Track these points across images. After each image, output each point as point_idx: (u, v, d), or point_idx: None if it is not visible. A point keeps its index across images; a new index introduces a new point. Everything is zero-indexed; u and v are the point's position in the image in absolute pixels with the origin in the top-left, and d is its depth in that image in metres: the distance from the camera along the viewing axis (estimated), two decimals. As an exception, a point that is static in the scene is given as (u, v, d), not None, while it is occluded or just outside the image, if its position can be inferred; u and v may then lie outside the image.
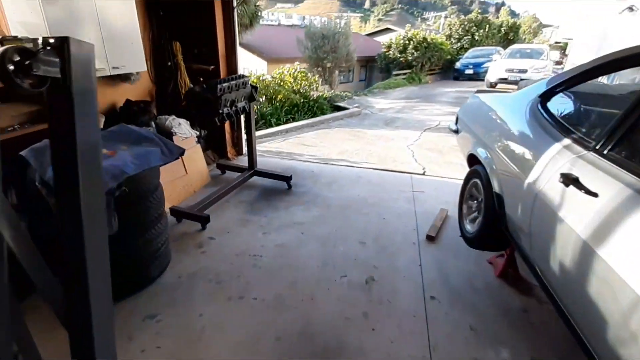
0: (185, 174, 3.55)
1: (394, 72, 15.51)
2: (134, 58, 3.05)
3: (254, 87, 3.30)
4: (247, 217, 3.21)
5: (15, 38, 0.96)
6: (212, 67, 4.07)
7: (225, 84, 2.83)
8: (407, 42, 16.17)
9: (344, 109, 9.23)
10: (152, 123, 3.33)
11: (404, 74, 15.61)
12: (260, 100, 8.17)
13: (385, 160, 5.02)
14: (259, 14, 9.08)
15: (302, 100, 8.43)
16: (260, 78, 8.31)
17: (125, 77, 3.26)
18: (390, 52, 16.53)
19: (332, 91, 11.31)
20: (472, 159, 2.60)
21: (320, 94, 9.48)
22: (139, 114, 3.25)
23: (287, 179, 3.79)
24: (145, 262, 2.20)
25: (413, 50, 15.84)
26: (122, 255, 2.04)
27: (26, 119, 2.31)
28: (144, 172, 2.01)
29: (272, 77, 8.51)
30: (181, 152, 2.30)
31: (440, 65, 17.52)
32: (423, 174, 4.48)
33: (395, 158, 5.12)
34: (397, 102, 10.25)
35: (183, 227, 3.00)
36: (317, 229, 3.04)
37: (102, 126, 2.84)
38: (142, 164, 1.97)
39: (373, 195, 3.69)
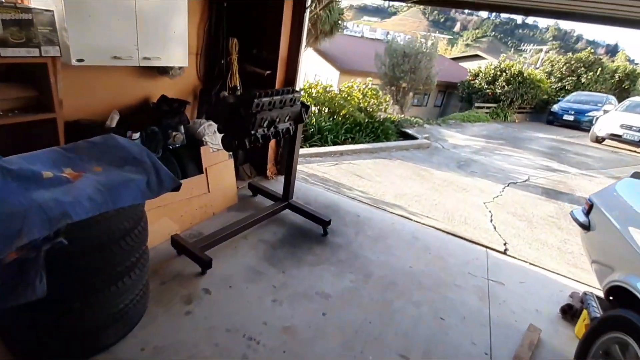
0: (206, 192, 2.97)
1: (477, 104, 13.91)
2: (173, 50, 2.55)
3: (305, 107, 2.60)
4: (260, 267, 2.50)
5: None
6: (268, 72, 3.49)
7: (265, 99, 2.16)
8: (498, 73, 14.46)
9: (412, 137, 8.22)
10: (181, 127, 2.80)
11: (488, 107, 13.93)
12: (323, 111, 7.57)
13: (452, 217, 3.98)
14: (342, 23, 8.53)
15: (366, 120, 7.63)
16: (327, 89, 7.70)
17: (163, 70, 2.79)
18: (477, 81, 14.93)
19: (402, 115, 10.33)
20: (618, 293, 1.55)
21: (388, 116, 8.59)
22: (168, 115, 2.75)
23: (324, 223, 3.02)
24: (94, 329, 1.58)
25: (504, 83, 14.08)
26: (55, 323, 1.44)
27: (17, 105, 1.86)
28: (109, 213, 1.39)
29: (340, 89, 7.85)
30: (175, 187, 1.66)
31: (532, 104, 15.39)
32: (504, 252, 3.37)
33: (467, 217, 4.04)
34: (476, 140, 8.91)
35: (179, 265, 2.39)
36: (346, 312, 2.21)
37: (114, 124, 2.36)
38: (106, 201, 1.35)
39: (430, 273, 2.74)
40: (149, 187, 1.53)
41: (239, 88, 3.36)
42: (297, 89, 3.78)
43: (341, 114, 7.32)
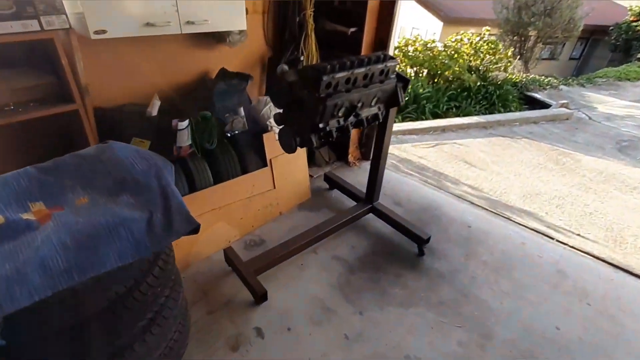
0: (271, 189, 2.42)
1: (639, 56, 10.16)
2: (225, 10, 1.91)
3: (403, 81, 1.71)
4: (331, 301, 1.88)
5: None
6: (353, 29, 2.61)
7: (340, 75, 1.38)
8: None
9: (543, 104, 6.29)
10: (241, 110, 2.23)
11: (658, 58, 10.05)
12: (420, 75, 6.26)
13: (621, 238, 2.65)
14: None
15: (478, 83, 6.04)
16: (428, 45, 6.27)
17: (220, 37, 2.21)
18: (642, 21, 10.82)
19: (527, 73, 8.07)
20: None
21: (509, 76, 6.70)
22: (225, 95, 2.20)
23: (420, 240, 2.20)
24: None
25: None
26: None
27: (35, 95, 1.50)
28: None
29: (445, 45, 6.33)
30: (193, 229, 1.07)
31: None
32: None
33: (646, 239, 2.66)
34: (641, 107, 6.38)
35: (232, 286, 1.93)
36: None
37: (154, 112, 1.90)
38: (70, 269, 0.83)
39: (594, 344, 1.72)
40: (149, 232, 0.98)
41: (312, 55, 2.60)
42: (390, 53, 2.82)
43: (445, 76, 5.91)
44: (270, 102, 2.44)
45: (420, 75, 6.28)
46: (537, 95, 6.58)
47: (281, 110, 1.59)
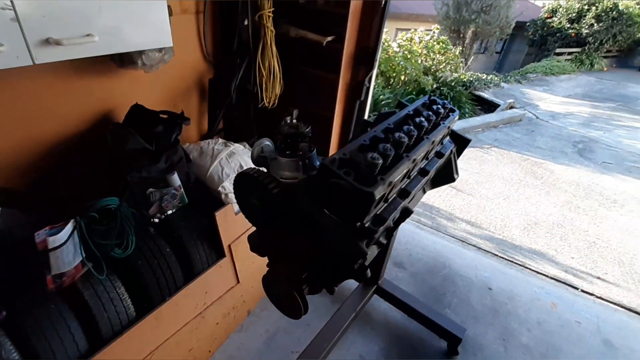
0: (235, 285, 1.60)
1: (557, 50, 11.09)
2: (128, 14, 1.01)
3: (462, 142, 1.04)
4: None
5: None
6: (330, 38, 1.89)
7: (399, 172, 0.64)
8: (585, 7, 11.30)
9: (491, 104, 6.27)
10: (174, 177, 1.36)
11: (570, 53, 11.11)
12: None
13: (634, 273, 2.40)
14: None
15: (433, 85, 5.75)
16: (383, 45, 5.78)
17: (126, 59, 1.29)
18: (554, 19, 11.86)
19: (467, 70, 8.14)
20: None
21: (462, 76, 6.57)
22: (143, 156, 1.30)
23: (452, 338, 1.61)
24: None
25: (592, 21, 11.00)
26: None
27: None
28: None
29: (399, 45, 5.89)
30: None
31: (623, 47, 12.21)
32: None
33: (656, 270, 2.45)
34: (575, 104, 6.76)
35: None
36: None
37: None
38: None
39: None
40: None
41: (275, 74, 1.82)
42: (375, 70, 2.15)
43: (401, 79, 5.48)
44: (222, 150, 1.61)
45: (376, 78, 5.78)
46: (484, 95, 6.57)
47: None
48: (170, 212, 1.38)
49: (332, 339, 1.49)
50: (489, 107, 6.32)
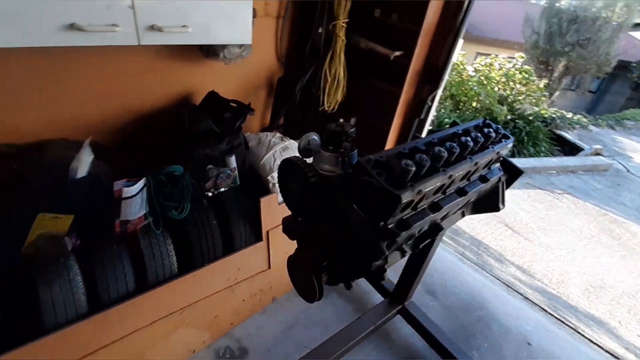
0: (265, 270, 1.70)
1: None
2: (219, 13, 1.18)
3: (513, 172, 1.00)
4: None
5: None
6: (398, 53, 1.92)
7: (431, 183, 0.66)
8: None
9: (574, 146, 5.67)
10: (232, 159, 1.51)
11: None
12: (443, 100, 5.58)
13: None
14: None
15: (507, 116, 5.38)
16: (456, 68, 5.60)
17: (211, 50, 1.48)
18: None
19: (550, 105, 7.45)
20: None
21: (542, 111, 6.06)
22: (210, 136, 1.47)
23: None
24: None
25: None
26: None
27: None
28: None
29: (475, 69, 5.66)
30: None
31: None
32: None
33: None
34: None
35: None
36: None
37: (83, 174, 1.16)
38: None
39: None
40: None
41: (339, 81, 1.90)
42: (441, 88, 2.13)
43: (472, 105, 5.24)
44: (277, 144, 1.73)
45: (442, 99, 5.59)
46: (567, 135, 5.96)
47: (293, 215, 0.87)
48: (222, 189, 1.52)
49: (345, 345, 1.50)
50: (570, 149, 5.72)
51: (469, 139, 0.79)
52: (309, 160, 0.82)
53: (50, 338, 1.08)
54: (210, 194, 1.50)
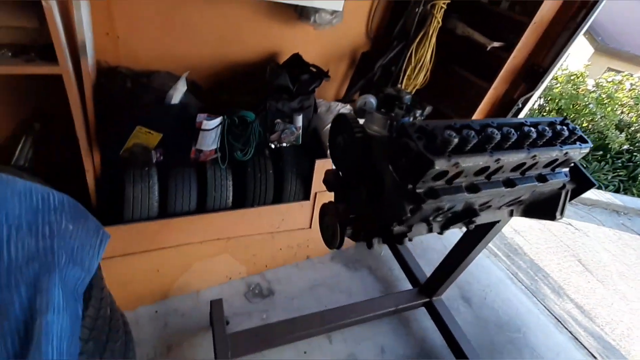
0: (306, 228, 1.82)
1: None
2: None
3: (583, 182, 0.90)
4: None
5: None
6: (496, 44, 1.78)
7: (471, 161, 0.65)
8: None
9: None
10: (299, 118, 1.61)
11: None
12: (545, 110, 4.93)
13: None
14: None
15: (622, 145, 4.55)
16: (571, 78, 4.85)
17: (304, 12, 1.57)
18: None
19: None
20: None
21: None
22: (285, 93, 1.58)
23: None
24: None
25: None
26: None
27: (17, 39, 1.04)
28: None
29: (597, 84, 4.83)
30: None
31: None
32: None
33: None
34: None
35: (205, 352, 1.42)
36: None
37: (176, 101, 1.36)
38: None
39: None
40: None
41: (424, 66, 1.84)
42: (540, 89, 1.91)
43: (582, 125, 4.53)
44: (347, 106, 1.78)
45: (546, 111, 4.94)
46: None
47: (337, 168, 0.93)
48: (284, 144, 1.65)
49: (362, 315, 1.55)
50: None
51: (532, 129, 0.74)
52: (362, 121, 0.86)
53: (126, 227, 1.34)
54: (273, 146, 1.63)
